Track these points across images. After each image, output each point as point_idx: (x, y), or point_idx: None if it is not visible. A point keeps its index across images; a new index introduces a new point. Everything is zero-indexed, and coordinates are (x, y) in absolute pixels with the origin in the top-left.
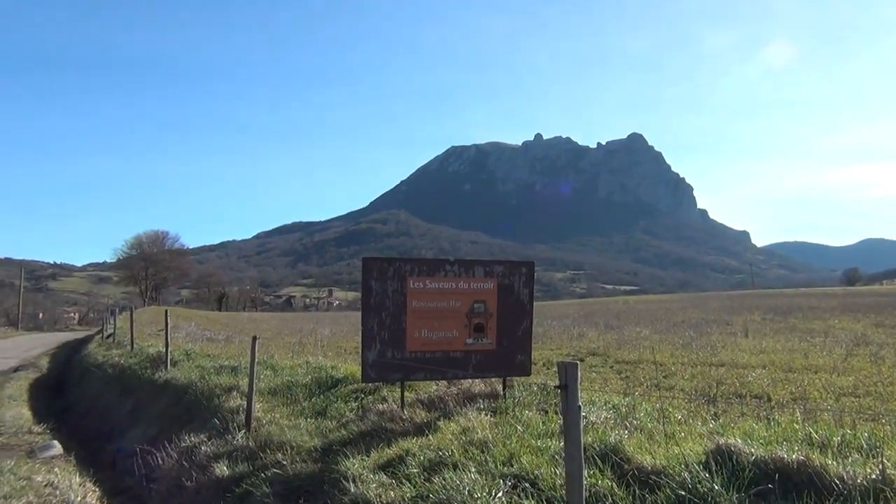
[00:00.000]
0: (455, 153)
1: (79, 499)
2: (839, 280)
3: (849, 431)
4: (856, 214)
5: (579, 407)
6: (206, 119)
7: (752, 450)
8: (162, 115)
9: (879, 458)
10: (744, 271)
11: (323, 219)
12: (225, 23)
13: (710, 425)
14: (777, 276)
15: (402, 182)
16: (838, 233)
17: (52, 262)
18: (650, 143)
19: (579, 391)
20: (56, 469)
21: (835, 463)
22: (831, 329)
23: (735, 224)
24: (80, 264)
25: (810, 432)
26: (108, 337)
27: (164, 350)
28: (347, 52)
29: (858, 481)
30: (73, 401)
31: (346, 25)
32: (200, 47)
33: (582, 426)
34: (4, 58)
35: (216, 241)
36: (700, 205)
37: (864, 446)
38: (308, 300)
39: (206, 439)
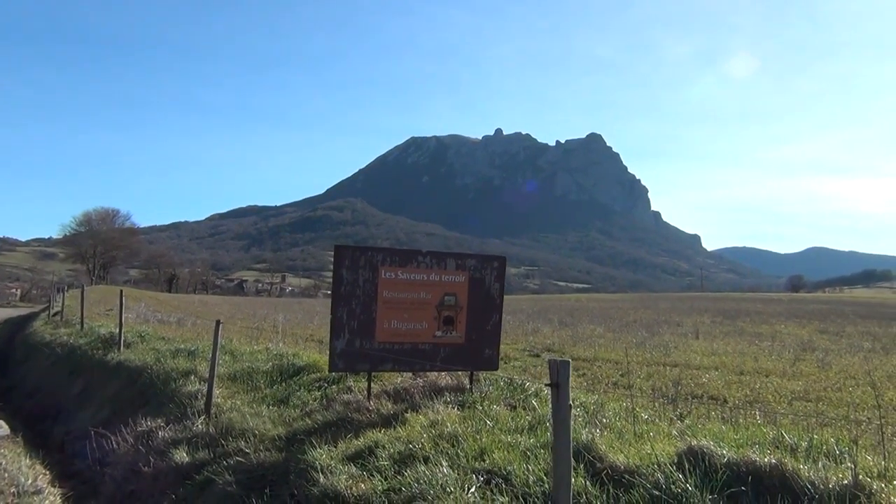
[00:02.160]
0: (415, 144)
1: (29, 482)
2: (784, 286)
3: (816, 436)
4: (802, 224)
5: (570, 406)
6: (163, 97)
7: (724, 452)
8: (117, 90)
9: (853, 465)
10: (694, 274)
11: (278, 204)
12: (188, 1)
13: (678, 426)
14: (725, 279)
15: (360, 170)
16: (785, 241)
17: None
18: (608, 144)
19: (570, 390)
20: (3, 450)
21: (806, 467)
22: (778, 334)
23: (687, 227)
24: (24, 239)
25: (781, 436)
26: (55, 315)
27: (116, 331)
28: (310, 38)
29: (830, 486)
30: (18, 380)
31: (309, 11)
32: (161, 24)
33: (572, 425)
34: None
35: (168, 222)
36: (654, 207)
37: (836, 452)
38: (260, 285)
39: (163, 424)
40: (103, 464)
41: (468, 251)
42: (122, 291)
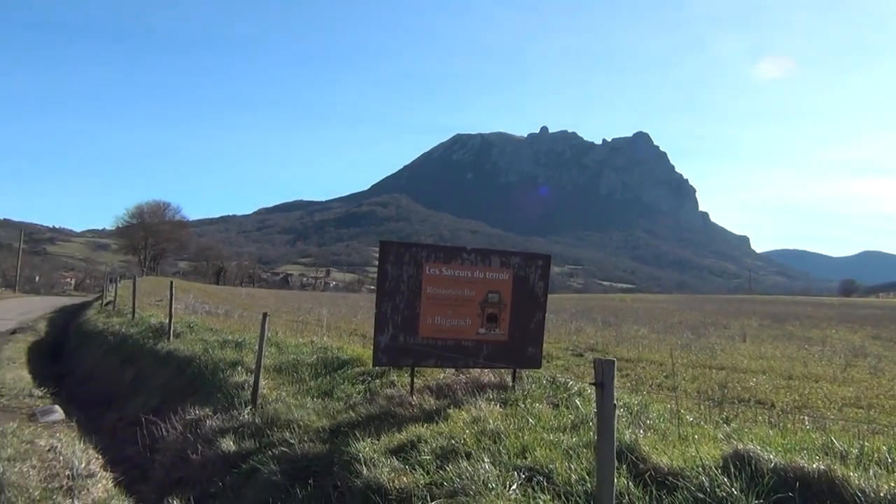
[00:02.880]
0: (460, 141)
1: (82, 465)
2: (836, 290)
3: (867, 444)
4: (855, 227)
5: (614, 406)
6: (213, 92)
7: (771, 457)
8: (168, 85)
9: None
10: (741, 276)
11: (324, 199)
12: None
13: (724, 429)
14: (774, 282)
15: (404, 167)
16: (837, 244)
17: (50, 226)
18: (655, 143)
19: (614, 390)
20: (58, 434)
21: (856, 475)
22: (829, 338)
23: (735, 229)
24: (78, 230)
25: (831, 442)
26: (107, 304)
27: (166, 321)
28: (357, 35)
29: (882, 494)
30: (72, 366)
31: (356, 7)
32: (212, 21)
33: (616, 425)
34: (10, 17)
35: (217, 215)
36: (702, 207)
37: (888, 459)
38: (305, 279)
39: (211, 413)
40: (153, 450)
41: (512, 249)
42: (171, 283)
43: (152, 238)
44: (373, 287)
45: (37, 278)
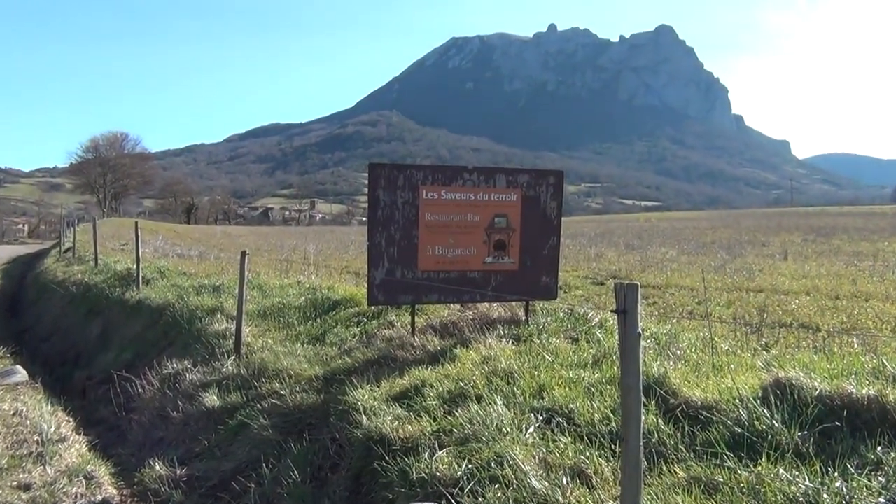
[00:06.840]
0: (456, 46)
1: (52, 429)
2: (889, 198)
3: None
4: None
5: (639, 334)
6: (171, 3)
7: (816, 384)
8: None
9: None
10: (782, 186)
11: (304, 120)
12: None
13: (764, 357)
14: (819, 192)
15: (394, 79)
16: (890, 145)
17: None
18: (681, 38)
19: (639, 317)
20: (22, 397)
21: None
22: (881, 252)
23: (774, 133)
24: (27, 169)
25: (882, 365)
26: (66, 251)
27: (133, 267)
28: None
29: None
30: (32, 322)
31: None
32: None
33: (641, 357)
34: None
35: (182, 145)
36: (735, 110)
37: None
38: (288, 213)
39: (190, 366)
40: (129, 409)
41: (520, 166)
42: (137, 223)
43: (111, 174)
44: (364, 218)
45: None
